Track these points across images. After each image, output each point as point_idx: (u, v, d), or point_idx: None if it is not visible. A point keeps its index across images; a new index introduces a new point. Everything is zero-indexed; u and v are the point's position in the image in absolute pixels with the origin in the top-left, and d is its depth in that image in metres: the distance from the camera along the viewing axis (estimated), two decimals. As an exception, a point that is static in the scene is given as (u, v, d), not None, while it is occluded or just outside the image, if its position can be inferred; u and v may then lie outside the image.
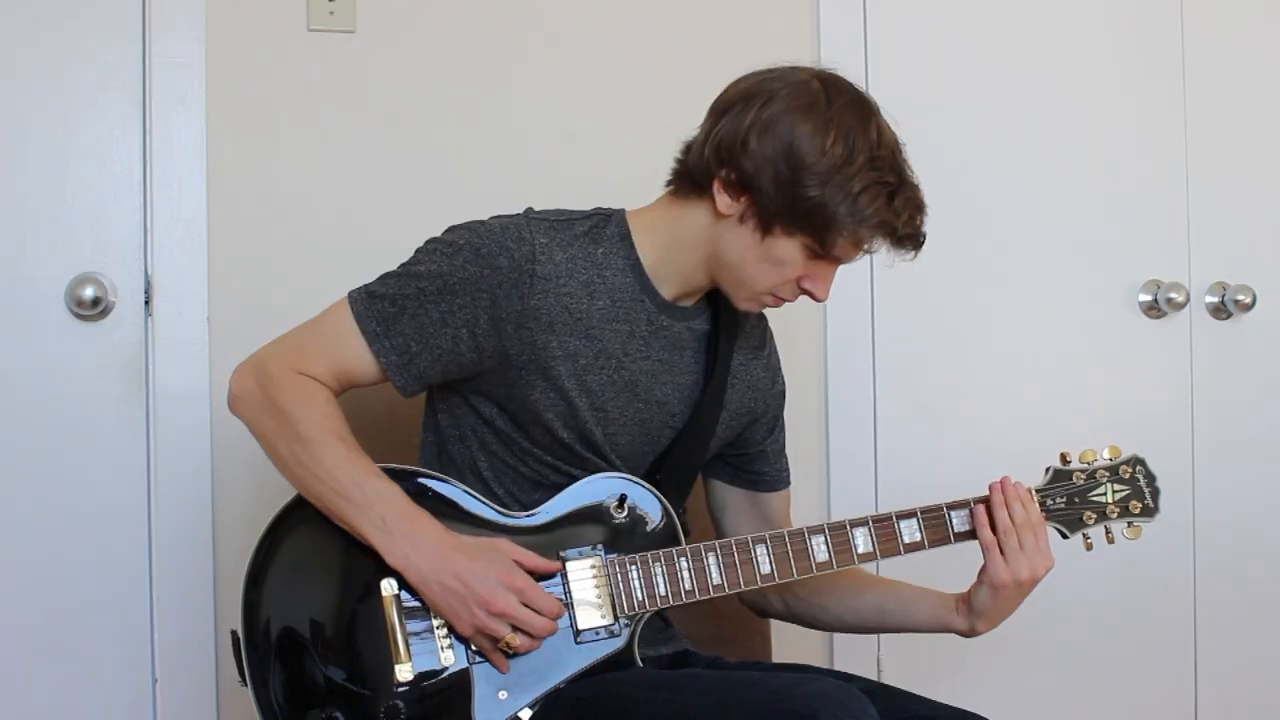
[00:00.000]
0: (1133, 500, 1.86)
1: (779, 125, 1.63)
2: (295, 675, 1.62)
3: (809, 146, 1.62)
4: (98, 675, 2.23)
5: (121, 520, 2.23)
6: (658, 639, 1.82)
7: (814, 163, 1.62)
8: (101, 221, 2.23)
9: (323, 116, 2.31)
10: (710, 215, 1.70)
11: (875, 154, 1.63)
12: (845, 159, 1.62)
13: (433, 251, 1.70)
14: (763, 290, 1.72)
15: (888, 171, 1.64)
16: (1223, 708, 2.77)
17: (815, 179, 1.62)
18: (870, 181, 1.62)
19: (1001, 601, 1.78)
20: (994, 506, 1.76)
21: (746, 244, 1.68)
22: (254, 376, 1.71)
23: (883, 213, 1.63)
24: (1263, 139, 2.79)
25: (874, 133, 1.65)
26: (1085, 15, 2.70)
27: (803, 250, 1.67)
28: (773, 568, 1.73)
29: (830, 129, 1.63)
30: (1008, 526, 1.75)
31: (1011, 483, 1.78)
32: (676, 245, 1.74)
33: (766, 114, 1.64)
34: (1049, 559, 1.76)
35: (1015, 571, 1.74)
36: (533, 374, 1.70)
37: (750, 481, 1.94)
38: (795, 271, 1.69)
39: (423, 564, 1.61)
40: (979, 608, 1.80)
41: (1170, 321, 2.73)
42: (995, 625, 1.82)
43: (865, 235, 1.65)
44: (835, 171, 1.61)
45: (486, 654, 1.64)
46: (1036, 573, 1.75)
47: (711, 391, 1.81)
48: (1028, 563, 1.75)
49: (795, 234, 1.65)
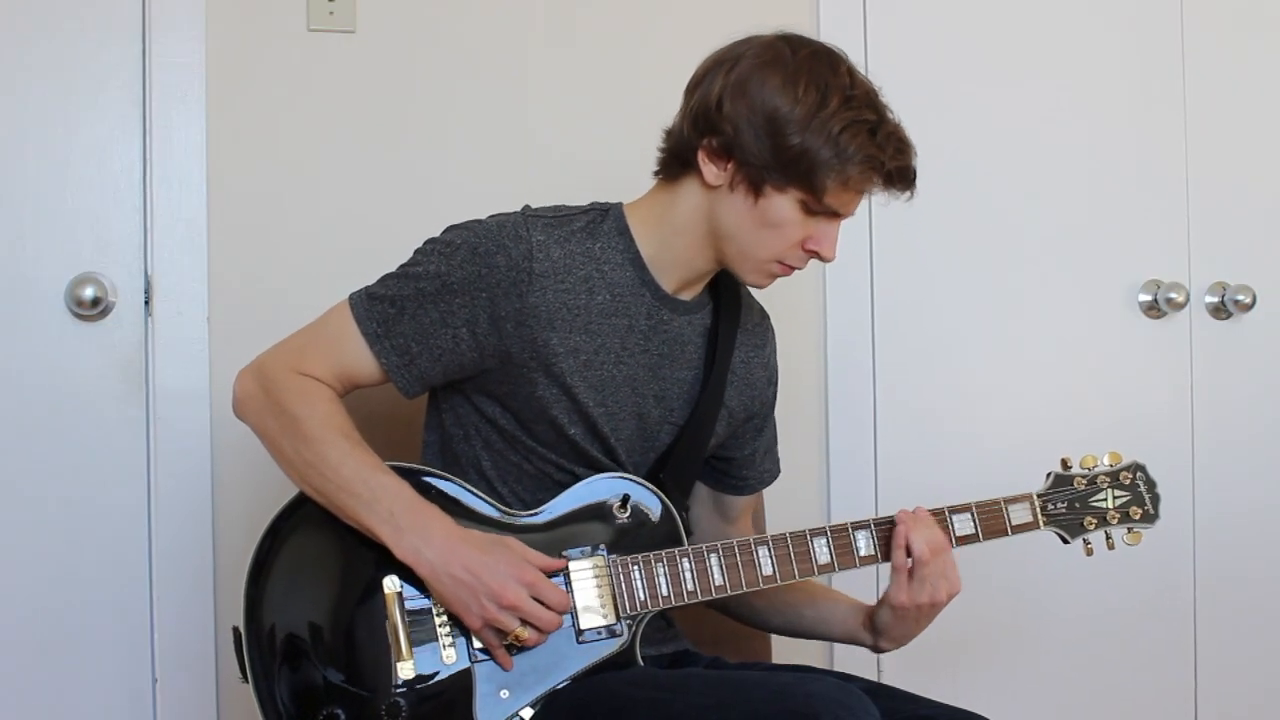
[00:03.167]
0: (1133, 506, 1.87)
1: (750, 83, 1.65)
2: (297, 673, 1.62)
3: (782, 97, 1.63)
4: (98, 675, 2.23)
5: (121, 520, 2.23)
6: (659, 638, 1.82)
7: (789, 111, 1.63)
8: (101, 221, 2.23)
9: (323, 116, 2.31)
10: (701, 190, 1.71)
11: (849, 94, 1.65)
12: (819, 103, 1.63)
13: (431, 252, 1.70)
14: (768, 258, 1.72)
15: (865, 109, 1.65)
16: (1223, 708, 2.77)
17: (794, 127, 1.62)
18: (848, 120, 1.63)
19: (902, 623, 1.78)
20: (911, 532, 1.75)
21: (741, 210, 1.68)
22: (257, 380, 1.72)
23: (866, 148, 1.63)
24: (1263, 139, 2.79)
25: (844, 76, 1.66)
26: (1085, 15, 2.70)
27: (798, 206, 1.67)
28: (775, 569, 1.74)
29: (800, 78, 1.64)
30: (922, 552, 1.74)
31: (924, 510, 1.77)
32: (673, 230, 1.74)
33: (734, 76, 1.66)
34: (955, 585, 1.76)
35: (914, 596, 1.75)
36: (535, 371, 1.70)
37: (735, 487, 1.95)
38: (796, 233, 1.69)
39: (433, 556, 1.61)
40: (880, 627, 1.81)
41: (1170, 321, 2.74)
42: (900, 645, 1.83)
43: (853, 175, 1.65)
44: (811, 116, 1.62)
45: (492, 649, 1.64)
46: (938, 598, 1.75)
47: (711, 388, 1.81)
48: (930, 589, 1.74)
49: (786, 188, 1.66)
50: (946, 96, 2.61)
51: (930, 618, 1.79)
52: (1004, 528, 1.81)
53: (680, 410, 1.81)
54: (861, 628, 1.85)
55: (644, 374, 1.77)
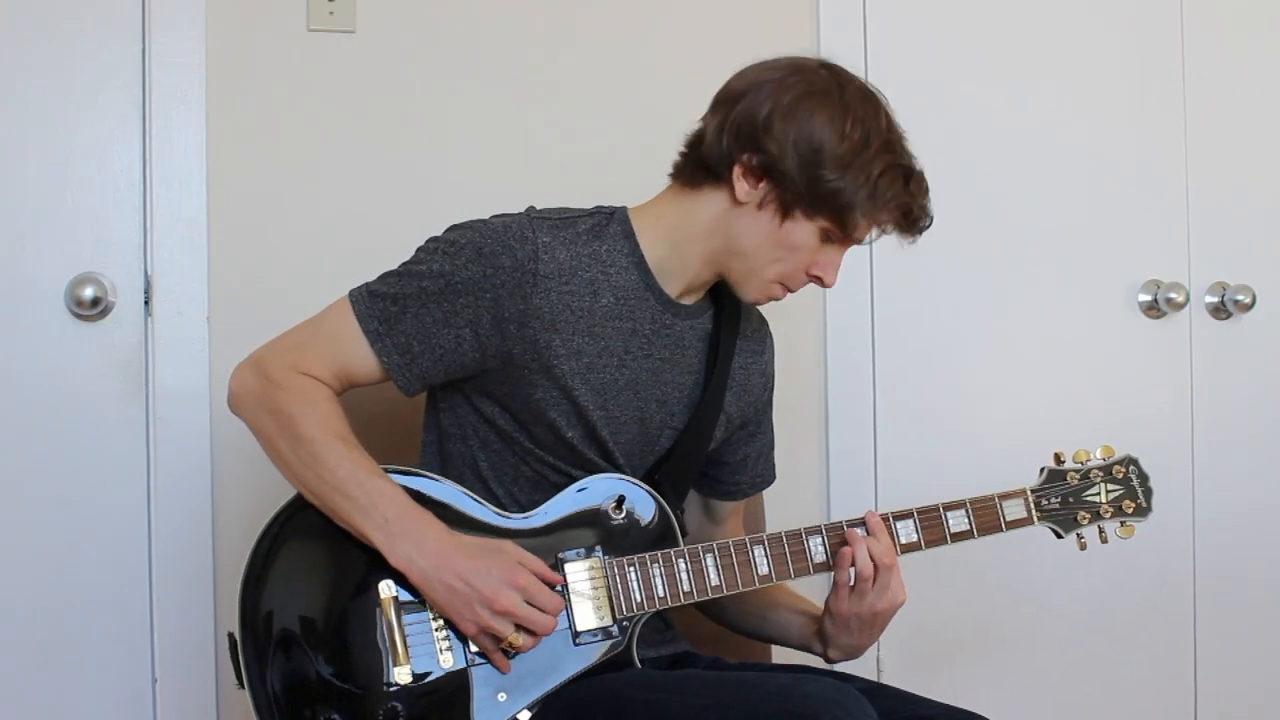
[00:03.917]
0: (1126, 500, 1.87)
1: (799, 110, 1.66)
2: (293, 678, 1.62)
3: (829, 131, 1.65)
4: (98, 675, 2.23)
5: (121, 520, 2.23)
6: (658, 640, 1.82)
7: (834, 147, 1.65)
8: (101, 221, 2.23)
9: (323, 116, 2.31)
10: (725, 203, 1.71)
11: (888, 138, 1.68)
12: (863, 143, 1.66)
13: (434, 251, 1.70)
14: (773, 279, 1.73)
15: (901, 155, 1.69)
16: (1223, 708, 2.77)
17: (836, 163, 1.65)
18: (887, 165, 1.67)
19: (846, 633, 1.78)
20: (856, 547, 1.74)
21: (764, 230, 1.69)
22: (254, 376, 1.71)
23: (901, 195, 1.68)
24: (1263, 139, 2.79)
25: (884, 119, 1.69)
26: (1085, 15, 2.70)
27: (818, 234, 1.69)
28: (770, 569, 1.74)
29: (848, 115, 1.66)
30: (864, 568, 1.73)
31: (874, 518, 1.77)
32: (684, 237, 1.74)
33: (785, 100, 1.67)
34: (898, 596, 1.75)
35: (852, 606, 1.75)
36: (536, 373, 1.70)
37: (727, 493, 1.95)
38: (808, 258, 1.71)
39: (425, 564, 1.61)
40: (827, 635, 1.82)
41: (1170, 321, 2.73)
42: (849, 656, 1.82)
43: (884, 217, 1.69)
44: (855, 155, 1.65)
45: (488, 654, 1.64)
46: (878, 607, 1.75)
47: (712, 393, 1.81)
48: (868, 602, 1.74)
49: (814, 218, 1.68)
50: (946, 97, 2.61)
51: (878, 628, 1.79)
52: (998, 524, 1.82)
53: (680, 415, 1.81)
54: (814, 636, 1.85)
55: (646, 378, 1.77)
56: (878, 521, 1.76)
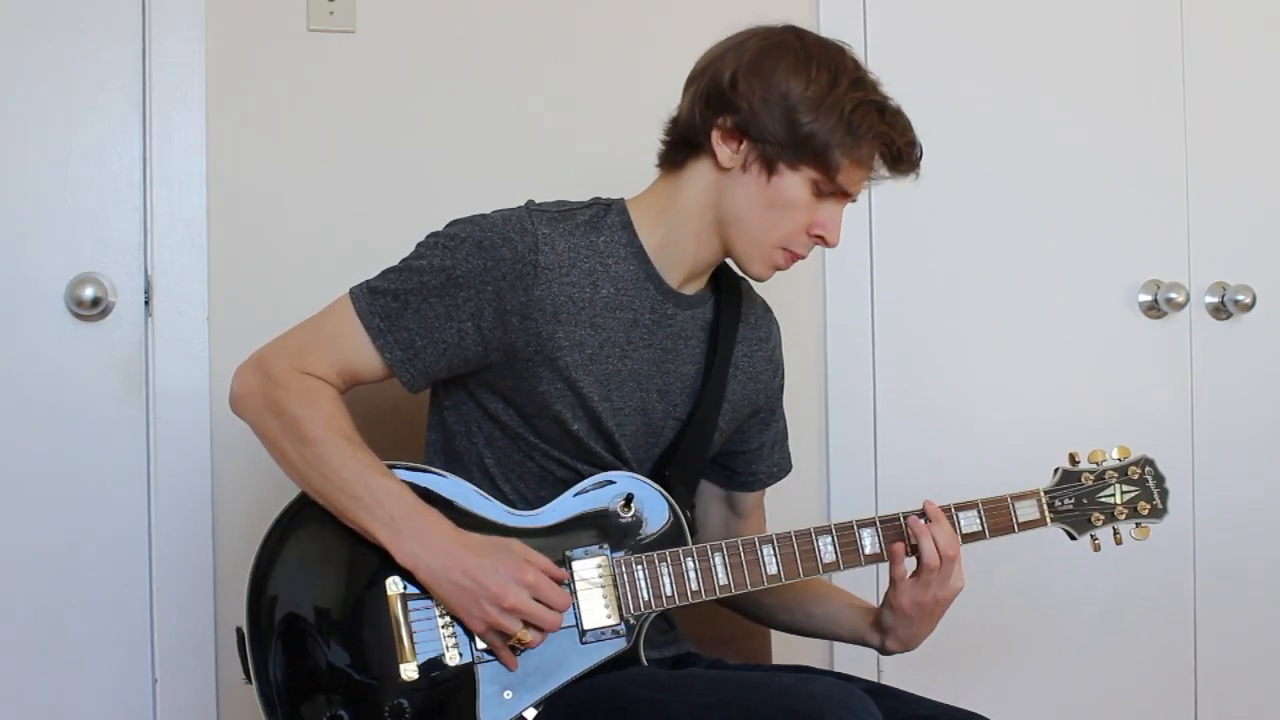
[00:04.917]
0: (1141, 501, 1.86)
1: (763, 64, 1.68)
2: (300, 673, 1.62)
3: (795, 78, 1.67)
4: (98, 675, 2.22)
5: (121, 520, 2.23)
6: (661, 641, 1.82)
7: (802, 92, 1.66)
8: (101, 221, 2.23)
9: (323, 116, 2.31)
10: (711, 173, 1.72)
11: (856, 76, 1.70)
12: (831, 83, 1.67)
13: (434, 245, 1.70)
14: (775, 244, 1.73)
15: (872, 91, 1.70)
16: (1223, 708, 2.77)
17: (808, 105, 1.66)
18: (859, 100, 1.67)
19: (907, 623, 1.78)
20: (920, 537, 1.75)
21: (753, 191, 1.70)
22: (256, 376, 1.71)
23: (877, 126, 1.68)
24: (1263, 139, 2.79)
25: (850, 61, 1.71)
26: (1085, 16, 2.70)
27: (809, 187, 1.69)
28: (779, 568, 1.73)
29: (811, 60, 1.68)
30: (931, 559, 1.74)
31: (934, 507, 1.77)
32: (679, 218, 1.75)
33: (747, 58, 1.69)
34: (959, 582, 1.76)
35: (916, 596, 1.75)
36: (539, 366, 1.70)
37: (745, 483, 1.95)
38: (805, 216, 1.71)
39: (433, 562, 1.61)
40: (885, 626, 1.82)
41: (1170, 321, 2.74)
42: (907, 647, 1.82)
43: (865, 153, 1.68)
44: (825, 95, 1.66)
45: (496, 651, 1.64)
46: (942, 595, 1.75)
47: (713, 382, 1.81)
48: (933, 590, 1.75)
49: (800, 167, 1.68)
50: (946, 96, 2.61)
51: (937, 616, 1.79)
52: (1010, 525, 1.80)
53: (684, 405, 1.81)
54: (870, 628, 1.84)
55: (649, 368, 1.77)
56: (938, 511, 1.76)
